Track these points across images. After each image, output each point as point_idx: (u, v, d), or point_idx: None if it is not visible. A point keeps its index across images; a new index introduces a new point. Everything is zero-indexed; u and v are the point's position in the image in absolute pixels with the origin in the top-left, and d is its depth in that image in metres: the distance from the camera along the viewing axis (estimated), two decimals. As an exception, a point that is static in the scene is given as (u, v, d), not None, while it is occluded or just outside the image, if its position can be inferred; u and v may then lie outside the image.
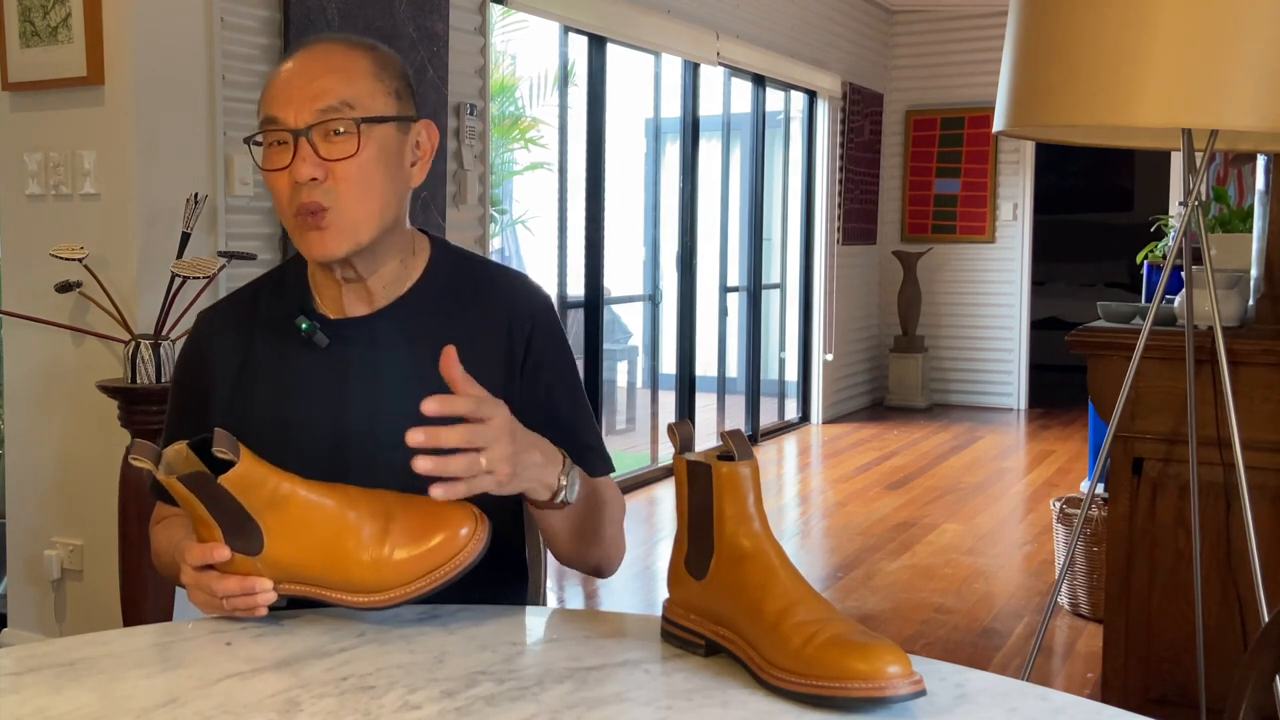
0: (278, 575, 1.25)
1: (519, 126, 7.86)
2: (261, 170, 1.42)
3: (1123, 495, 2.72)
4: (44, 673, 1.15)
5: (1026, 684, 1.12)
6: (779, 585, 1.12)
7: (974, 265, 8.48)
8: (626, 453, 6.44)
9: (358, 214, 1.40)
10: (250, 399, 1.47)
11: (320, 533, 1.24)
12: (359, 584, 1.24)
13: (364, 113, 1.40)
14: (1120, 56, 2.08)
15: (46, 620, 3.37)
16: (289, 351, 1.47)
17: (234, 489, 1.22)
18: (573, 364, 1.57)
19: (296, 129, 1.37)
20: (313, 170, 1.37)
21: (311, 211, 1.38)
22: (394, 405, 1.42)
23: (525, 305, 1.53)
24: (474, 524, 1.25)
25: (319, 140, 1.38)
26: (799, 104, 7.76)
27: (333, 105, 1.38)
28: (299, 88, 1.39)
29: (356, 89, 1.40)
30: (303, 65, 1.42)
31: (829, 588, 4.28)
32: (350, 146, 1.38)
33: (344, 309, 1.48)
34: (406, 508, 1.26)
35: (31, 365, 3.33)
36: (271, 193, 1.43)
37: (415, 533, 1.24)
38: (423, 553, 1.23)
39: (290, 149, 1.38)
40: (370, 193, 1.40)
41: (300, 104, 1.38)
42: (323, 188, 1.38)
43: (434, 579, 1.23)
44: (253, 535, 1.23)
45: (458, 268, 1.54)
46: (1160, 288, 2.37)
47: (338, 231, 1.39)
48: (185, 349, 1.56)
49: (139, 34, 3.10)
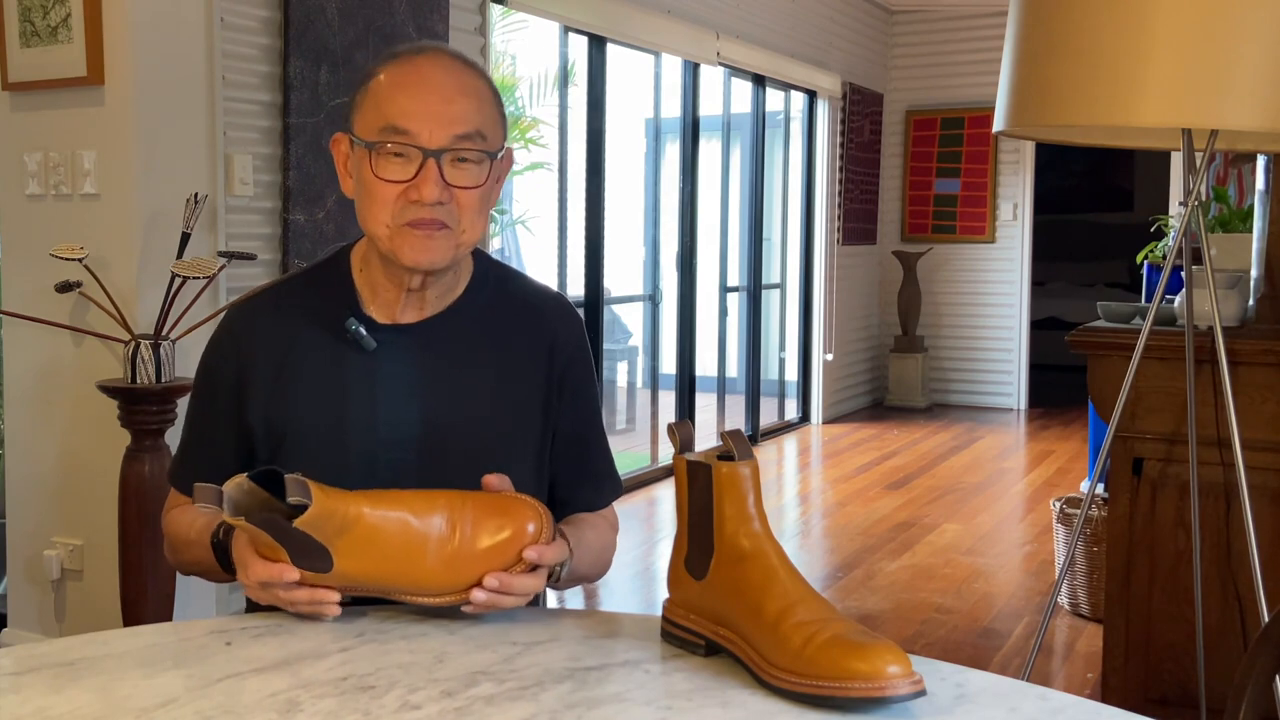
0: (347, 585, 1.26)
1: (519, 126, 7.86)
2: (373, 176, 1.39)
3: (1123, 495, 2.72)
4: (44, 673, 1.15)
5: (1026, 684, 1.12)
6: (779, 585, 1.12)
7: (974, 265, 8.48)
8: (626, 453, 6.44)
9: (468, 235, 1.43)
10: (291, 396, 1.46)
11: (389, 546, 1.24)
12: (430, 586, 1.25)
13: (493, 145, 1.42)
14: (1120, 56, 2.08)
15: (46, 620, 3.37)
16: (334, 351, 1.47)
17: (307, 528, 1.22)
18: (597, 393, 1.62)
19: (430, 149, 1.37)
20: (440, 194, 1.38)
21: (428, 225, 1.39)
22: (436, 413, 1.45)
23: (568, 331, 1.56)
24: (539, 519, 1.26)
25: (447, 164, 1.38)
26: (799, 104, 7.76)
27: (469, 134, 1.39)
28: (436, 108, 1.38)
29: (486, 118, 1.42)
30: (435, 80, 1.40)
31: (829, 588, 4.28)
32: (478, 176, 1.41)
33: (395, 315, 1.49)
34: (472, 506, 1.26)
35: (31, 365, 3.33)
36: (366, 195, 1.41)
37: (482, 531, 1.25)
38: (490, 549, 1.24)
39: (413, 164, 1.38)
40: (483, 218, 1.44)
41: (436, 124, 1.38)
42: (444, 208, 1.39)
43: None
44: (322, 559, 1.24)
45: (500, 283, 1.57)
46: (1160, 288, 2.37)
47: (447, 247, 1.41)
48: (218, 341, 1.54)
49: (139, 34, 3.09)
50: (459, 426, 1.46)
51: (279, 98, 3.52)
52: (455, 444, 1.45)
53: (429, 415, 1.45)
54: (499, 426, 1.49)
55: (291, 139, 3.53)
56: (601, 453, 1.60)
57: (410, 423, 1.44)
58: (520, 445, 1.50)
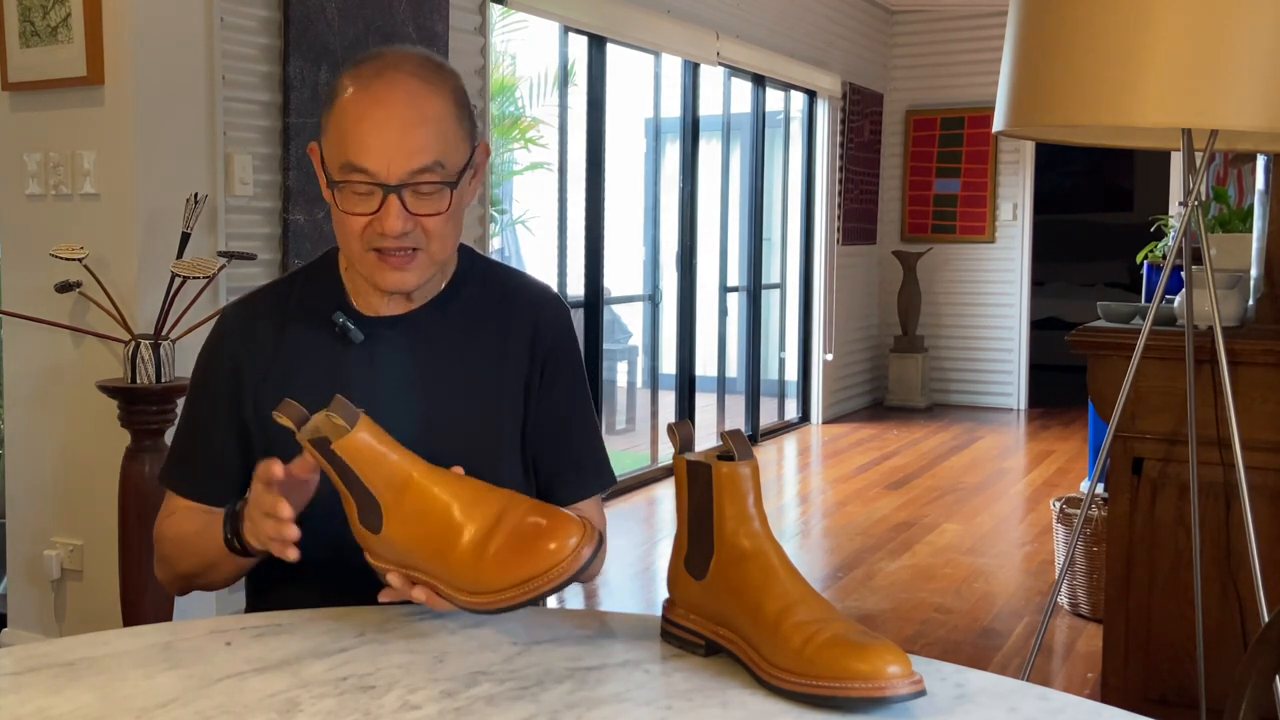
0: (392, 557, 1.24)
1: (519, 126, 7.85)
2: (336, 210, 1.41)
3: (1123, 495, 2.72)
4: (44, 673, 1.15)
5: (1026, 684, 1.12)
6: (779, 585, 1.12)
7: (974, 265, 8.48)
8: (626, 453, 6.44)
9: (440, 256, 1.44)
10: (286, 392, 1.45)
11: (428, 525, 1.22)
12: (459, 582, 1.21)
13: (454, 171, 1.41)
14: (1120, 56, 2.08)
15: (46, 620, 3.37)
16: (326, 347, 1.49)
17: (348, 459, 1.21)
18: (585, 379, 1.62)
19: (389, 185, 1.37)
20: (404, 225, 1.38)
21: (398, 255, 1.40)
22: (423, 403, 1.46)
23: (551, 317, 1.57)
24: (580, 535, 1.19)
25: (409, 195, 1.39)
26: (799, 104, 7.76)
27: (427, 166, 1.38)
28: (392, 142, 1.37)
29: (447, 144, 1.40)
30: (394, 110, 1.38)
31: (829, 588, 4.28)
32: (441, 204, 1.41)
33: (381, 308, 1.51)
34: (517, 511, 1.22)
35: (31, 365, 3.33)
36: (339, 224, 1.43)
37: (519, 539, 1.19)
38: (522, 560, 1.18)
39: (375, 197, 1.38)
40: (453, 237, 1.45)
41: (394, 159, 1.37)
42: (411, 236, 1.40)
43: (529, 588, 1.18)
44: (373, 513, 1.23)
45: (486, 275, 1.58)
46: (1160, 288, 2.37)
47: (419, 269, 1.43)
48: (214, 342, 1.55)
49: (139, 34, 3.09)
50: (450, 416, 1.47)
51: (279, 98, 3.52)
52: (447, 433, 1.46)
53: (420, 404, 1.47)
54: (487, 415, 1.50)
55: (291, 139, 3.53)
56: (586, 442, 1.59)
57: (403, 413, 1.45)
58: (508, 434, 1.51)
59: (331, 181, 1.41)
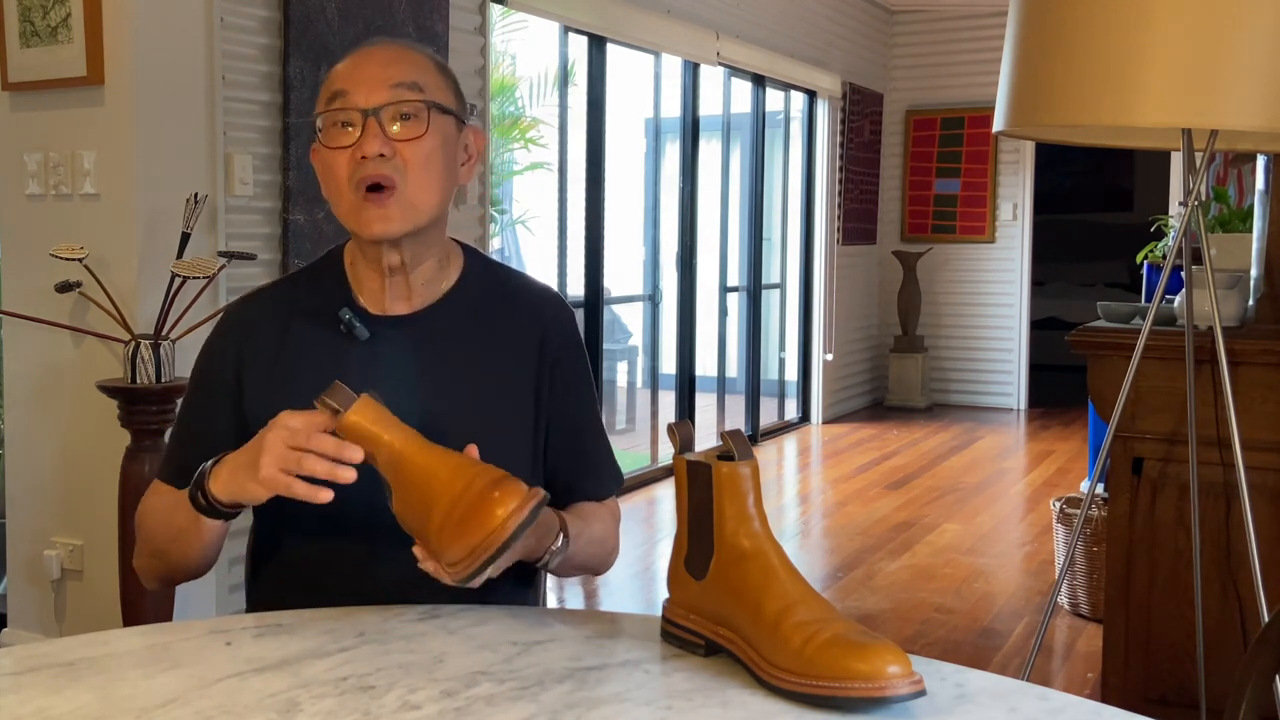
0: (407, 529, 1.26)
1: (519, 126, 7.85)
2: (322, 149, 1.44)
3: (1123, 495, 2.72)
4: (44, 673, 1.15)
5: (1026, 684, 1.12)
6: (779, 585, 1.12)
7: (974, 265, 8.48)
8: (626, 453, 6.44)
9: (419, 196, 1.44)
10: (288, 389, 1.46)
11: (414, 496, 1.24)
12: (439, 554, 1.22)
13: (432, 97, 1.44)
14: (1120, 56, 2.08)
15: (46, 620, 3.37)
16: (330, 345, 1.49)
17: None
18: (592, 384, 1.62)
19: (367, 108, 1.40)
20: (381, 146, 1.40)
21: (377, 186, 1.41)
22: (427, 404, 1.46)
23: (558, 323, 1.58)
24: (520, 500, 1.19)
25: (387, 121, 1.41)
26: (799, 104, 7.76)
27: (405, 83, 1.42)
28: (372, 70, 1.43)
29: (425, 75, 1.45)
30: (371, 52, 1.46)
31: (829, 588, 4.28)
32: (419, 128, 1.43)
33: (385, 305, 1.51)
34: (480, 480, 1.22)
35: (31, 365, 3.33)
36: (325, 174, 1.45)
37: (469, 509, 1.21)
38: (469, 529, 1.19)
39: (357, 129, 1.41)
40: (432, 176, 1.45)
41: (372, 84, 1.42)
42: (390, 163, 1.41)
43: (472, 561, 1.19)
44: (388, 489, 1.26)
45: (491, 276, 1.58)
46: (1160, 288, 2.37)
47: (400, 210, 1.42)
48: (215, 338, 1.55)
49: (139, 34, 3.09)
50: (454, 417, 1.46)
51: (279, 98, 3.52)
52: (450, 435, 1.45)
53: (424, 406, 1.46)
54: (492, 417, 1.50)
55: (291, 139, 3.53)
56: (599, 444, 1.61)
57: (406, 413, 1.44)
58: (514, 436, 1.51)
59: (318, 116, 1.44)
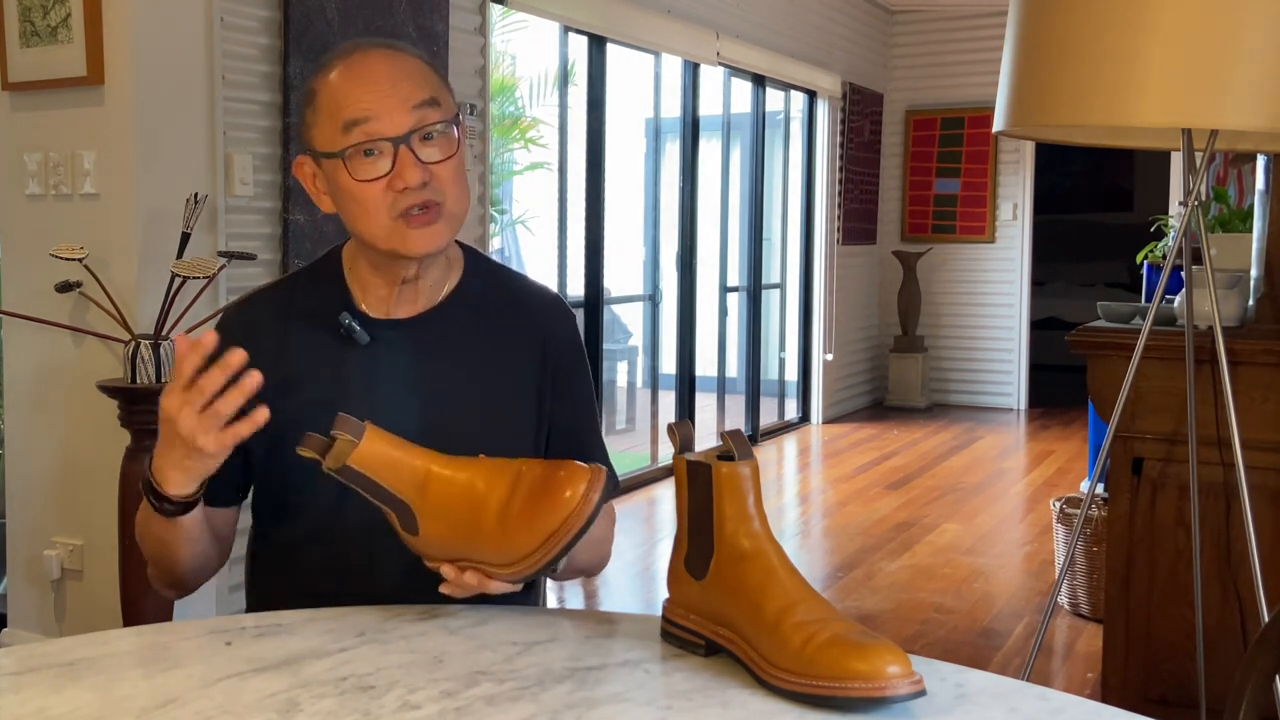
0: (438, 552, 1.25)
1: (519, 126, 7.85)
2: (352, 182, 1.40)
3: (1123, 495, 2.72)
4: (44, 673, 1.15)
5: (1026, 684, 1.12)
6: (779, 585, 1.12)
7: (974, 265, 8.48)
8: (627, 453, 6.43)
9: (458, 207, 1.44)
10: (287, 394, 1.45)
11: (456, 511, 1.23)
12: (495, 557, 1.23)
13: (449, 110, 1.43)
14: (1120, 56, 2.08)
15: (46, 620, 3.37)
16: (329, 348, 1.48)
17: (365, 470, 1.23)
18: (592, 388, 1.62)
19: (396, 136, 1.38)
20: (421, 175, 1.38)
21: (424, 209, 1.40)
22: (427, 407, 1.45)
23: (560, 325, 1.58)
24: (588, 480, 1.21)
25: (418, 146, 1.39)
26: (799, 104, 7.76)
27: (423, 102, 1.40)
28: (386, 91, 1.39)
29: (433, 85, 1.43)
30: (375, 69, 1.41)
31: (829, 588, 4.28)
32: (450, 147, 1.42)
33: (389, 310, 1.50)
34: (532, 470, 1.24)
35: (31, 365, 3.33)
36: (350, 203, 1.41)
37: (534, 496, 1.21)
38: (540, 516, 1.21)
39: (386, 157, 1.39)
40: (464, 185, 1.45)
41: (393, 110, 1.38)
42: (430, 187, 1.40)
43: (553, 544, 1.20)
44: (408, 516, 1.25)
45: (492, 279, 1.58)
46: (1160, 288, 2.37)
47: (445, 225, 1.42)
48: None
49: (139, 34, 3.09)
50: (456, 420, 1.46)
51: (279, 98, 3.52)
52: (452, 438, 1.45)
53: (426, 410, 1.46)
54: (495, 420, 1.50)
55: (291, 139, 3.53)
56: (597, 447, 1.61)
57: (407, 417, 1.44)
58: (515, 440, 1.51)
59: (338, 154, 1.40)
